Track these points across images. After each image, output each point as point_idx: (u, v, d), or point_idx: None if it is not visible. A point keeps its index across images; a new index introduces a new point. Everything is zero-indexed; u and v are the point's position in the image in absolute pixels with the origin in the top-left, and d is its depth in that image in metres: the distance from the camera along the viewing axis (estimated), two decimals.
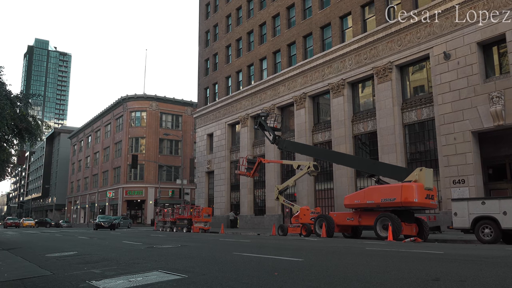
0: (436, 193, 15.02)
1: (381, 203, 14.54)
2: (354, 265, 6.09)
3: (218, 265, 6.19)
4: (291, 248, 10.03)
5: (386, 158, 20.62)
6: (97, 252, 9.21)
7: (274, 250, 9.21)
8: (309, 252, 8.76)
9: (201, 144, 38.04)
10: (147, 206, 50.04)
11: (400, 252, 8.69)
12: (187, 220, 27.91)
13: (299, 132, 26.83)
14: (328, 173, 25.17)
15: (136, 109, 52.81)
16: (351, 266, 5.91)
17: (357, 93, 24.45)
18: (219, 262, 6.60)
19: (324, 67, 25.40)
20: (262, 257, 7.35)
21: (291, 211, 24.02)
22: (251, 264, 6.32)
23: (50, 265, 6.83)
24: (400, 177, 15.30)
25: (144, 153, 50.88)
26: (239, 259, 7.11)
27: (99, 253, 8.93)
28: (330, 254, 8.27)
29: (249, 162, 22.89)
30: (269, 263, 6.36)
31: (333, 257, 7.39)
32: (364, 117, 23.27)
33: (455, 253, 8.33)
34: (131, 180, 51.50)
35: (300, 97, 26.94)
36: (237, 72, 34.50)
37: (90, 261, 7.27)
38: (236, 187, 33.42)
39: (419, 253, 8.38)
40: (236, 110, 33.49)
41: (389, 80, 21.63)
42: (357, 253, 8.48)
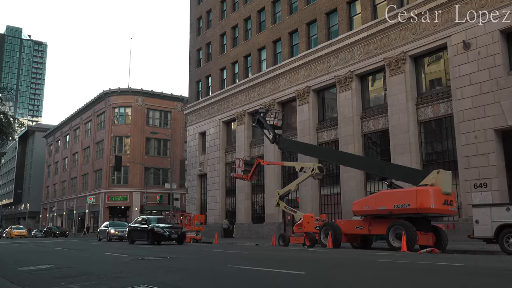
0: (455, 199, 15.03)
1: (393, 210, 14.54)
2: (363, 279, 6.08)
3: (211, 280, 6.17)
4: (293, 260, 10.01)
5: (399, 159, 20.65)
6: (76, 265, 9.17)
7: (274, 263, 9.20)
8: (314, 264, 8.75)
9: (193, 144, 37.97)
10: (132, 213, 49.90)
11: (416, 264, 8.69)
12: None
13: (302, 130, 26.84)
14: (334, 176, 25.19)
15: (119, 105, 52.68)
16: (361, 281, 5.90)
17: (366, 86, 24.44)
18: (212, 276, 6.58)
19: (330, 58, 25.41)
20: (260, 271, 7.33)
21: (293, 218, 24.01)
22: (249, 278, 6.30)
23: (23, 280, 6.80)
24: (414, 181, 15.30)
25: (128, 154, 50.75)
26: (235, 272, 7.10)
27: (78, 266, 8.89)
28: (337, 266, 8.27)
29: (246, 164, 22.86)
30: (269, 278, 6.35)
31: (340, 271, 7.38)
32: (375, 113, 23.29)
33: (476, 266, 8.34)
34: (114, 184, 51.38)
35: (303, 91, 26.95)
36: (233, 63, 34.44)
37: (68, 275, 7.24)
38: (231, 192, 33.38)
39: (436, 265, 8.38)
40: (231, 105, 33.45)
41: (402, 72, 21.66)
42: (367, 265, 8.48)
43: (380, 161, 19.46)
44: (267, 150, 29.07)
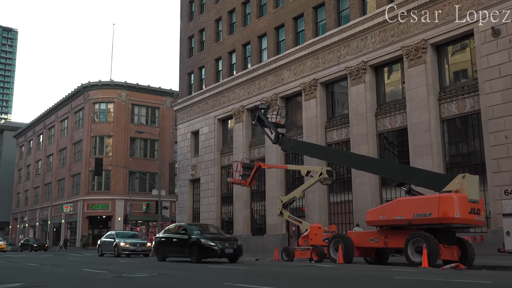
0: (483, 207, 15.01)
1: (413, 220, 14.53)
2: None
3: None
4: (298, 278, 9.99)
5: (419, 162, 20.65)
6: (50, 283, 9.14)
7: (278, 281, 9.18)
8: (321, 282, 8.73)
9: (184, 145, 37.95)
10: (115, 224, 49.83)
11: (438, 282, 8.67)
12: None
13: (309, 129, 26.86)
14: (345, 181, 25.18)
15: (100, 100, 52.66)
16: None
17: (382, 79, 24.43)
18: None
19: (340, 47, 25.42)
20: None
21: (299, 229, 23.99)
22: None
23: None
24: (437, 186, 15.28)
25: (111, 156, 50.72)
26: None
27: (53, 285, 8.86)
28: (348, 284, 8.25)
29: (245, 168, 22.83)
30: None
31: None
32: (391, 110, 23.29)
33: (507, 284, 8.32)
34: (94, 190, 51.34)
35: (309, 85, 26.96)
36: (230, 52, 34.45)
37: None
38: (228, 200, 33.37)
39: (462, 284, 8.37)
40: (228, 101, 33.46)
41: (422, 63, 21.66)
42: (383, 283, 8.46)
43: (397, 164, 19.44)
44: (269, 151, 29.08)
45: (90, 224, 51.47)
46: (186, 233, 18.42)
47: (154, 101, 54.04)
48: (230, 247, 17.53)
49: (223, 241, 17.68)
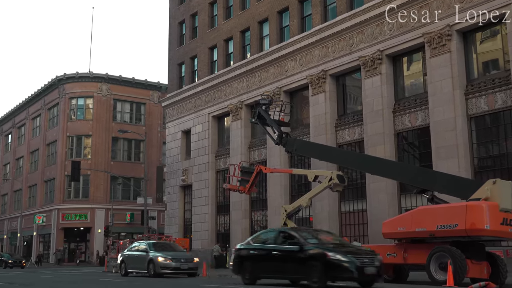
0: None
1: (436, 232, 14.56)
2: None
3: None
4: None
5: (444, 165, 20.68)
6: None
7: None
8: None
9: (174, 146, 37.95)
10: (95, 237, 49.96)
11: None
12: None
13: (317, 127, 26.90)
14: (359, 187, 25.21)
15: (78, 95, 52.73)
16: None
17: (400, 70, 24.44)
18: None
19: (353, 33, 25.44)
20: None
21: None
22: None
23: None
24: (463, 194, 15.30)
25: (89, 158, 50.81)
26: None
27: None
28: None
29: (244, 172, 22.88)
30: None
31: None
32: (411, 105, 23.31)
33: None
34: (71, 198, 51.38)
35: (317, 77, 26.99)
36: (226, 40, 34.45)
37: None
38: (224, 209, 33.37)
39: None
40: (224, 95, 33.49)
41: (447, 52, 21.67)
42: None
43: (418, 168, 19.48)
44: (271, 153, 29.12)
45: (66, 237, 51.50)
46: (295, 241, 14.72)
47: (140, 96, 54.10)
48: (372, 265, 13.70)
49: (359, 255, 13.93)
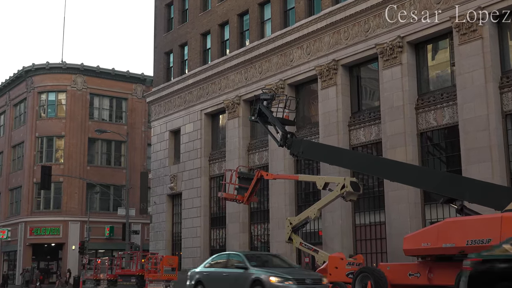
0: None
1: (466, 248, 14.53)
2: None
3: None
4: None
5: (475, 171, 20.68)
6: None
7: None
8: None
9: (160, 148, 37.93)
10: (68, 254, 49.77)
11: None
12: (135, 278, 28.10)
13: (327, 126, 26.89)
14: (376, 196, 25.20)
15: (48, 89, 52.55)
16: None
17: (424, 60, 24.41)
18: None
19: (369, 17, 25.44)
20: None
21: (314, 261, 24.07)
22: None
23: None
24: (498, 203, 15.32)
25: (62, 163, 50.69)
26: None
27: None
28: None
29: (242, 179, 22.88)
30: None
31: None
32: (437, 101, 23.29)
33: None
34: (40, 209, 51.19)
35: (327, 68, 26.99)
36: (221, 25, 34.45)
37: None
38: (219, 221, 33.36)
39: None
40: (219, 89, 33.50)
41: (478, 38, 21.66)
42: None
43: (445, 174, 19.48)
44: (274, 157, 29.14)
45: (35, 254, 51.27)
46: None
47: (121, 90, 53.87)
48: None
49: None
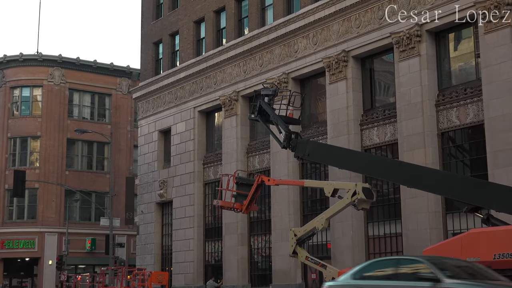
0: None
1: (494, 262, 14.57)
2: None
3: None
4: None
5: (503, 175, 20.68)
6: None
7: None
8: None
9: (148, 150, 38.00)
10: (44, 270, 49.74)
11: None
12: None
13: (336, 125, 26.92)
14: (391, 204, 25.22)
15: (22, 83, 52.58)
16: None
17: (445, 50, 24.43)
18: None
19: (383, 2, 25.37)
20: None
21: (321, 277, 24.08)
22: None
23: None
24: None
25: (38, 167, 50.69)
26: None
27: None
28: None
29: (241, 185, 22.85)
30: None
31: None
32: (460, 97, 23.29)
33: None
34: (13, 220, 51.21)
35: (336, 60, 26.99)
36: (217, 11, 34.51)
37: None
38: (215, 233, 33.41)
39: None
40: (215, 84, 33.53)
41: (506, 26, 21.65)
42: None
43: (469, 179, 19.49)
44: (276, 159, 29.16)
45: (6, 270, 51.25)
46: None
47: (104, 85, 53.86)
48: None
49: None
